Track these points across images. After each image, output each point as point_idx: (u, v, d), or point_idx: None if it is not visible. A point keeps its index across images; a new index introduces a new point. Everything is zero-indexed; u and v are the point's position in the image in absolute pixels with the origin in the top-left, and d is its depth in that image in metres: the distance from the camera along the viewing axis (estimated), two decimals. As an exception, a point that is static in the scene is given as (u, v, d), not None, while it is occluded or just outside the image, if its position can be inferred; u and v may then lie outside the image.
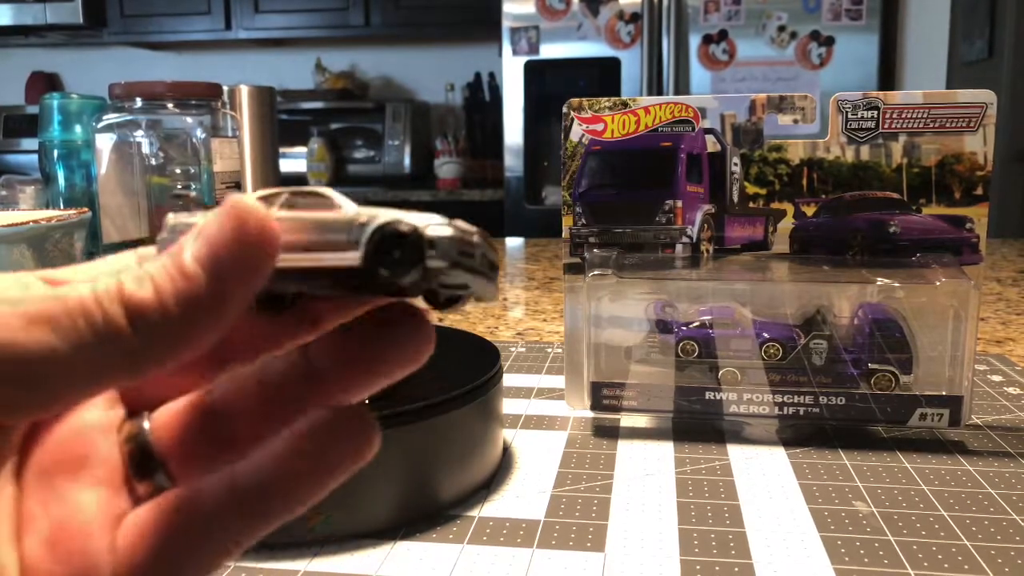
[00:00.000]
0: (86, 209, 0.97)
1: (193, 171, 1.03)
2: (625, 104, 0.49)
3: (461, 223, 0.18)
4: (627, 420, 0.51)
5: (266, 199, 0.19)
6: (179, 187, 1.03)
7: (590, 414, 0.51)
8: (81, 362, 0.16)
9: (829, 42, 2.22)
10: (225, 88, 1.13)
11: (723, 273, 0.49)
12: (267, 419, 0.20)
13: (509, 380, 0.59)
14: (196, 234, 0.17)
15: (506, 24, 2.36)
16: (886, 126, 0.47)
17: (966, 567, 0.34)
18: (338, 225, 0.18)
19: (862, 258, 0.48)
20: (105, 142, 1.00)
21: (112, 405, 0.21)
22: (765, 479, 0.42)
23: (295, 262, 0.18)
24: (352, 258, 0.17)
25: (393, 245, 0.17)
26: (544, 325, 0.78)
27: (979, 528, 0.37)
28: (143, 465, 0.20)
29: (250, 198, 0.17)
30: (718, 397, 0.48)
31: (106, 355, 0.16)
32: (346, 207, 0.18)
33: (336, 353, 0.20)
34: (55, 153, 1.04)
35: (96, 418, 0.20)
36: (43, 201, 1.09)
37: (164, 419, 0.21)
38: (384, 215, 0.18)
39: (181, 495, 0.19)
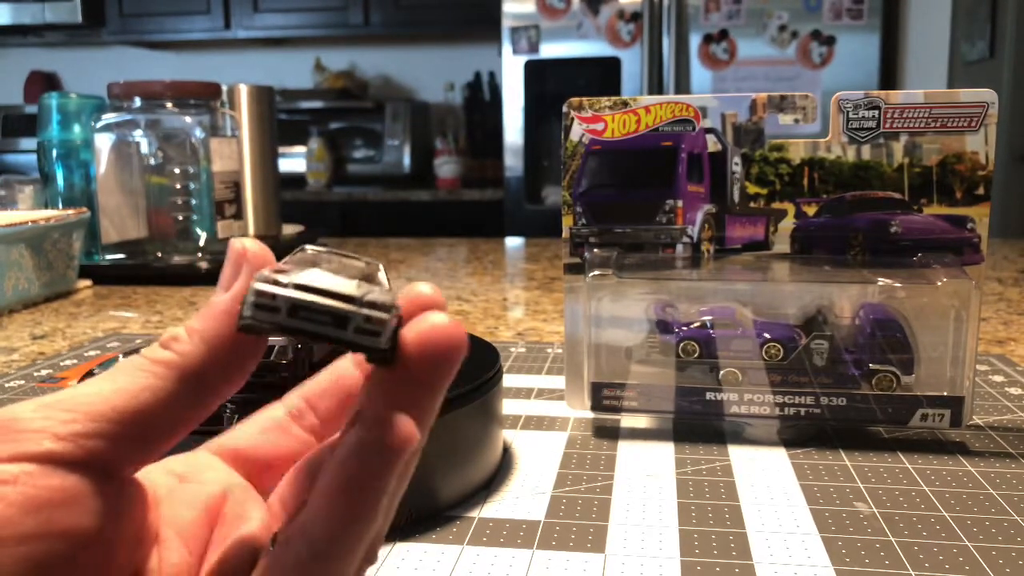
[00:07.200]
0: (85, 209, 0.97)
1: (192, 171, 1.03)
2: (625, 103, 0.48)
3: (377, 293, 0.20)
4: (627, 421, 0.51)
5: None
6: (178, 187, 1.03)
7: (590, 415, 0.51)
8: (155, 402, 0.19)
9: (830, 41, 2.22)
10: (224, 87, 1.13)
11: (724, 273, 0.49)
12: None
13: (509, 380, 0.59)
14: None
15: (506, 23, 2.36)
16: (887, 126, 0.47)
17: (967, 568, 0.34)
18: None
19: (863, 258, 0.48)
20: (104, 142, 1.00)
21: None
22: (766, 480, 0.42)
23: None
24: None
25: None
26: (544, 325, 0.78)
27: (980, 529, 0.37)
28: None
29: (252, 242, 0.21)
30: (719, 398, 0.48)
31: (162, 383, 0.19)
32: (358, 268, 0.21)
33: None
34: (54, 153, 1.04)
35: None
36: (42, 201, 1.09)
37: None
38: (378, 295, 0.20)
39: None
